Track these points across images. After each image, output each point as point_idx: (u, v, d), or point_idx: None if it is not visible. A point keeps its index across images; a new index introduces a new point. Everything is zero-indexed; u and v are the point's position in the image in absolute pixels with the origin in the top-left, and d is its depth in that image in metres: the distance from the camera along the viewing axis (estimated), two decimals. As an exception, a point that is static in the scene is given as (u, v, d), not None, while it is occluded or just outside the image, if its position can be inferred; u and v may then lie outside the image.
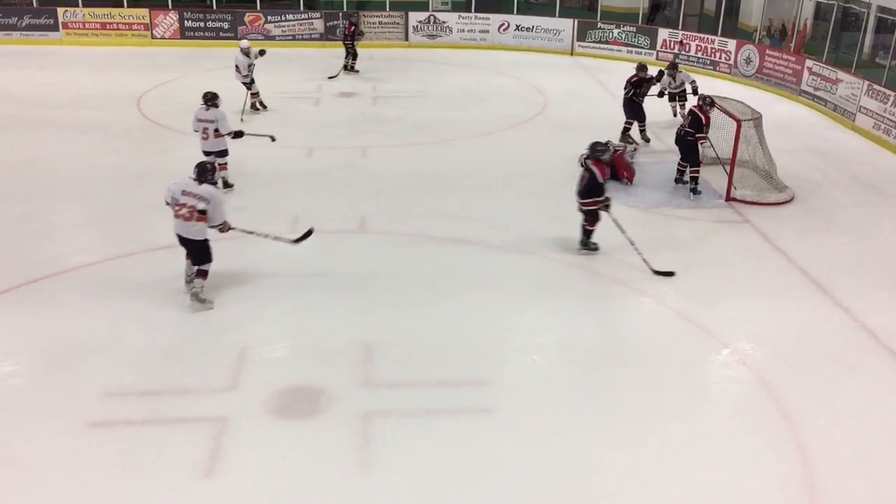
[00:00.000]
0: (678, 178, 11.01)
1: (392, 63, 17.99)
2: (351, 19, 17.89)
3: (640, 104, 12.70)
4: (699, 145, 10.76)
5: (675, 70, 13.69)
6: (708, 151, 11.30)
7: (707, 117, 10.69)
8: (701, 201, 10.54)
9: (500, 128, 13.64)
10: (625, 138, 12.67)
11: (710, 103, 10.73)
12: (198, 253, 7.53)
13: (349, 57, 17.49)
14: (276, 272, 8.34)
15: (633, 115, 12.77)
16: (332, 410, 6.13)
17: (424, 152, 12.44)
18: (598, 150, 8.65)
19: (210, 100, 10.27)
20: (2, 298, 7.64)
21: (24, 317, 7.38)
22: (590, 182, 8.61)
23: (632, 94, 12.64)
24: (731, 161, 10.58)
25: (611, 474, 5.58)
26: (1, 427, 5.91)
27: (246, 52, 13.71)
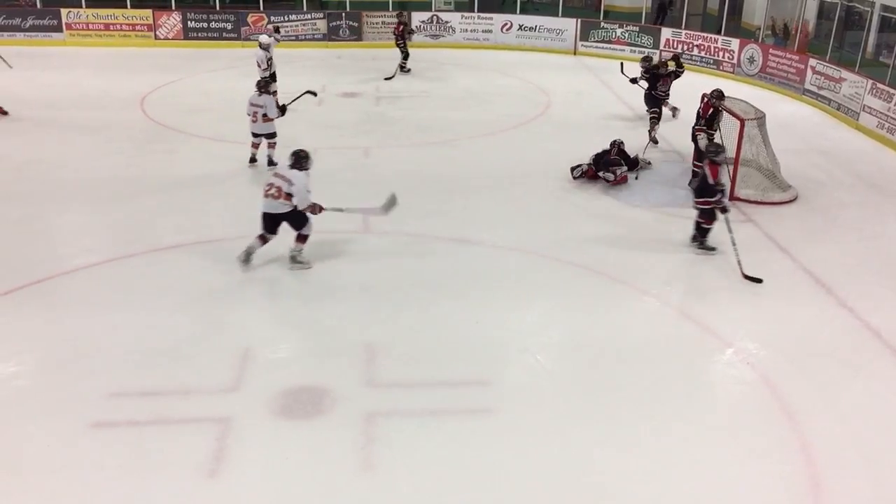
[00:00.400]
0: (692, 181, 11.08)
1: (395, 63, 17.96)
2: (400, 18, 17.81)
3: (661, 99, 12.73)
4: (696, 137, 10.87)
5: (649, 63, 13.83)
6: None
7: (706, 108, 10.79)
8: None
9: (503, 128, 13.64)
10: (653, 128, 12.72)
11: (715, 96, 10.76)
12: (295, 221, 8.26)
13: (403, 57, 17.45)
14: (279, 273, 8.35)
15: (654, 106, 12.83)
16: (335, 411, 6.13)
17: (427, 152, 12.43)
18: (712, 152, 8.77)
19: (262, 87, 11.11)
20: (5, 299, 7.65)
21: (28, 317, 7.39)
22: (702, 182, 8.71)
23: (650, 90, 12.76)
24: (734, 160, 10.57)
25: (614, 474, 5.58)
26: (4, 428, 5.92)
27: (265, 46, 13.71)
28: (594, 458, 5.74)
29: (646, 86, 13.32)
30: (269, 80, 13.83)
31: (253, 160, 11.49)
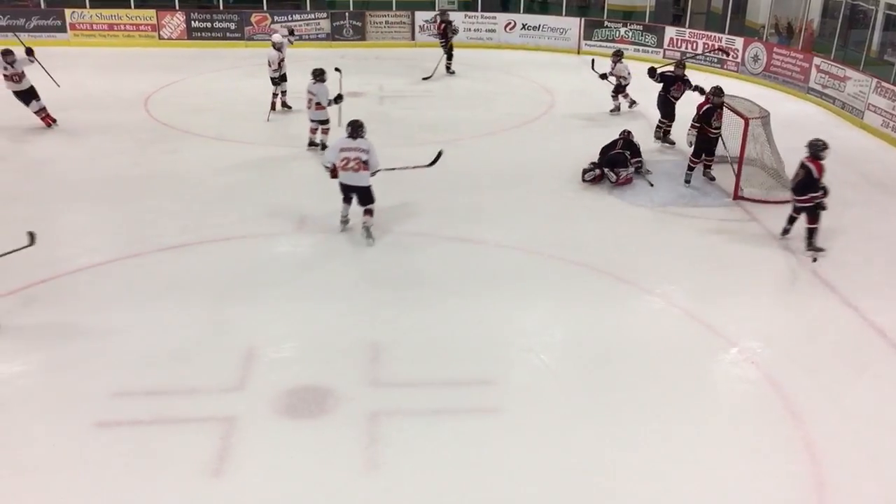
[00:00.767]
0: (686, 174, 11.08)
1: (398, 62, 17.97)
2: (443, 17, 17.59)
3: (674, 103, 12.52)
4: (690, 133, 11.12)
5: (619, 58, 13.97)
6: (720, 150, 11.32)
7: (701, 105, 10.81)
8: (708, 200, 10.52)
9: (507, 127, 13.62)
10: (666, 139, 12.62)
11: (713, 93, 10.75)
12: (365, 196, 8.97)
13: (447, 57, 17.22)
14: (282, 272, 8.36)
15: (666, 114, 12.63)
16: (338, 410, 6.14)
17: (431, 152, 12.39)
18: (818, 147, 8.79)
19: (317, 76, 11.66)
20: (10, 299, 7.66)
21: (33, 317, 7.41)
22: (805, 178, 8.74)
23: (664, 93, 12.54)
24: (738, 159, 10.55)
25: (618, 474, 5.57)
26: (9, 427, 5.93)
27: (278, 46, 13.69)
28: (598, 457, 5.73)
29: (614, 81, 13.72)
30: (280, 80, 13.83)
31: (311, 144, 12.19)
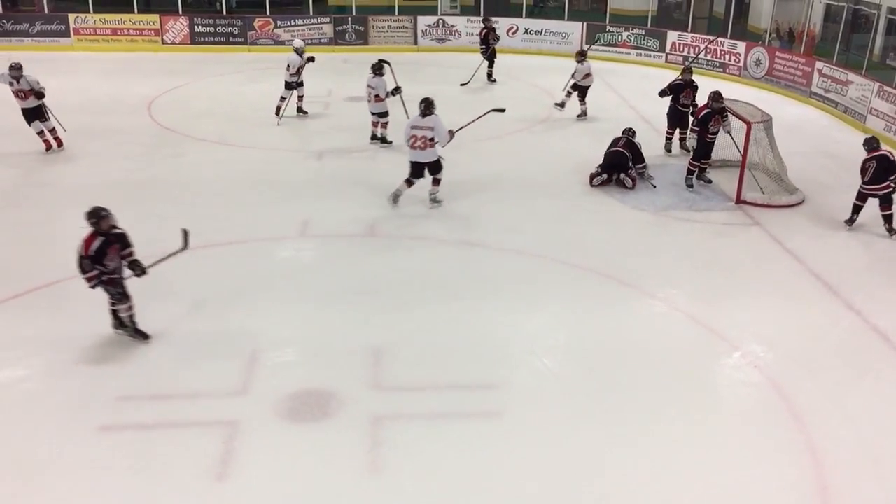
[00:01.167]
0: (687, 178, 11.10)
1: (401, 67, 17.94)
2: (487, 23, 17.29)
3: (685, 112, 12.35)
4: (690, 137, 11.28)
5: (582, 58, 14.09)
6: (722, 153, 11.34)
7: (700, 109, 10.96)
8: (711, 204, 10.53)
9: (509, 131, 13.63)
10: (683, 145, 12.55)
11: (712, 97, 10.77)
12: (435, 167, 9.88)
13: (488, 64, 16.87)
14: (285, 276, 8.37)
15: (674, 123, 12.51)
16: (341, 414, 6.14)
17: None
18: (874, 141, 9.67)
19: (376, 70, 12.32)
20: (15, 303, 7.69)
21: (37, 321, 7.43)
22: (882, 165, 9.38)
23: (673, 102, 12.40)
24: (741, 163, 10.56)
25: (621, 477, 5.57)
26: (13, 431, 5.94)
27: (300, 51, 13.73)
28: (601, 461, 5.73)
29: (580, 77, 13.97)
30: (297, 85, 13.83)
31: (373, 137, 12.68)
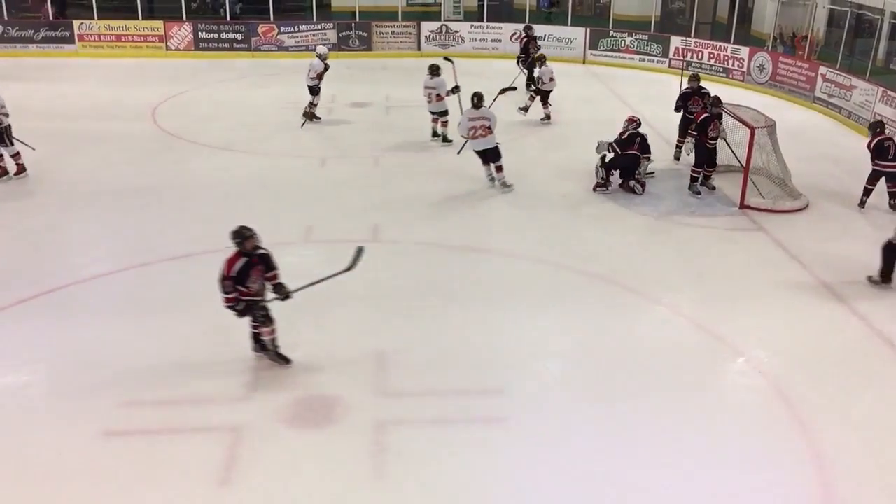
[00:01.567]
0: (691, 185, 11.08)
1: (404, 72, 18.01)
2: (528, 32, 16.93)
3: (693, 120, 12.00)
4: (688, 142, 11.38)
5: (543, 62, 14.20)
6: (726, 158, 11.32)
7: (699, 114, 10.97)
8: (714, 209, 10.52)
9: (513, 136, 13.62)
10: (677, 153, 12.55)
11: (712, 102, 10.80)
12: (495, 154, 10.83)
13: (528, 76, 15.93)
14: (289, 281, 8.36)
15: (684, 132, 12.35)
16: (346, 419, 6.14)
17: (437, 161, 12.45)
18: (881, 125, 9.94)
19: (434, 71, 12.55)
20: (19, 308, 7.70)
21: (41, 327, 7.43)
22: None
23: (682, 111, 12.33)
24: (744, 169, 10.55)
25: (625, 484, 5.56)
26: (17, 436, 5.95)
27: (323, 57, 13.76)
28: (606, 466, 5.72)
29: (546, 80, 14.08)
30: (315, 90, 13.85)
31: (434, 134, 13.10)
